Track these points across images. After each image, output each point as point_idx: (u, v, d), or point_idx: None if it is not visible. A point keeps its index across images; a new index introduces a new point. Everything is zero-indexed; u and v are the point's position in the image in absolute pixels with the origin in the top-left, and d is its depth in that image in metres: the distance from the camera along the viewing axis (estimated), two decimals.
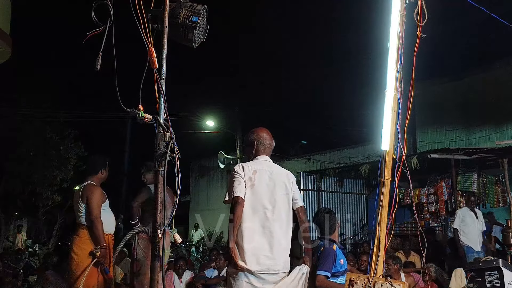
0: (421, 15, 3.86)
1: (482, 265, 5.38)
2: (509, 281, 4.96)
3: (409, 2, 3.91)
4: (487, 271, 5.20)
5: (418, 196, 12.95)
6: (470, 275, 5.45)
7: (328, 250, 4.41)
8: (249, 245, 3.80)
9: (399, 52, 3.86)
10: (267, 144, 4.19)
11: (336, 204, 15.64)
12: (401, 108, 3.87)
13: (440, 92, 14.71)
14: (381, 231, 3.87)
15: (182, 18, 3.31)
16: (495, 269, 5.11)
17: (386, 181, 3.87)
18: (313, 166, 18.04)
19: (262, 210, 3.89)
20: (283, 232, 3.93)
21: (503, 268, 5.03)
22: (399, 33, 3.88)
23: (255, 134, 4.23)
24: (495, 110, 13.53)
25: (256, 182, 3.93)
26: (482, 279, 5.19)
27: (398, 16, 3.91)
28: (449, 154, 11.73)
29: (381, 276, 3.87)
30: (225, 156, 19.18)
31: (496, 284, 5.03)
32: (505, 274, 4.99)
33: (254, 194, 3.90)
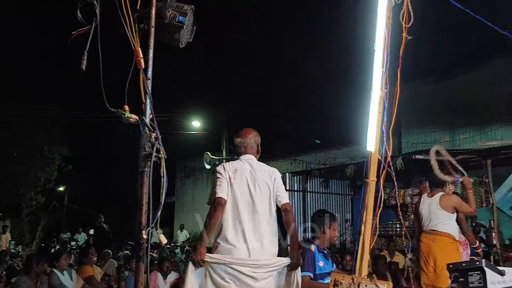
0: (407, 16, 3.89)
1: (465, 265, 5.41)
2: (492, 281, 4.98)
3: (395, 4, 3.94)
4: (470, 271, 5.22)
5: (403, 197, 13.03)
6: (454, 275, 5.48)
7: (305, 251, 4.40)
8: (227, 243, 3.80)
9: (385, 54, 3.88)
10: (251, 143, 4.19)
11: (321, 205, 15.68)
12: (387, 109, 3.89)
13: (425, 94, 14.83)
14: (366, 232, 3.89)
15: (169, 18, 3.29)
16: (478, 270, 5.13)
17: (371, 181, 3.89)
18: (299, 166, 18.08)
19: (242, 209, 3.89)
20: (264, 230, 3.92)
21: (486, 269, 5.05)
22: (385, 35, 3.90)
23: (239, 134, 4.24)
24: (479, 112, 13.67)
25: (236, 181, 3.94)
26: (465, 279, 5.21)
27: (384, 17, 3.93)
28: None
29: (365, 276, 3.88)
30: (211, 156, 19.12)
31: (479, 284, 5.05)
32: (488, 275, 5.01)
33: (234, 193, 3.91)
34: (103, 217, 15.40)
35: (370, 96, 3.90)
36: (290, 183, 15.37)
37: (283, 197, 4.05)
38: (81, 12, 2.88)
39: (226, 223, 3.87)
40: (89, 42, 2.87)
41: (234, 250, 3.78)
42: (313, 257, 4.44)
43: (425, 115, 15.00)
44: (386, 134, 3.86)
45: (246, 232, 3.84)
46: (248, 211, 3.90)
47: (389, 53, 3.87)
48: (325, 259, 4.54)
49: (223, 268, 3.72)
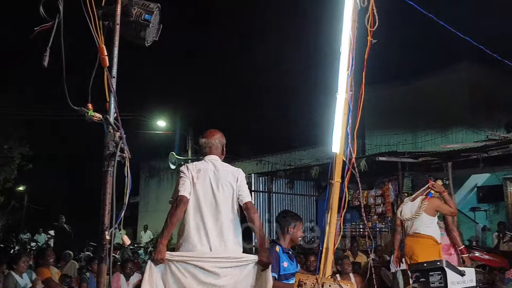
0: (372, 20, 3.94)
1: (426, 265, 5.53)
2: (452, 281, 5.11)
3: (361, 8, 3.98)
4: (431, 271, 5.34)
5: (366, 198, 13.23)
6: (415, 275, 5.59)
7: (269, 251, 4.41)
8: (189, 243, 3.79)
9: (351, 56, 3.93)
10: (215, 144, 4.20)
11: (286, 206, 15.76)
12: (351, 111, 3.94)
13: (389, 97, 15.08)
14: (330, 232, 3.92)
15: (135, 16, 3.25)
16: (438, 270, 5.26)
17: (336, 182, 3.93)
18: (264, 167, 18.13)
19: (205, 209, 3.88)
20: (227, 230, 3.91)
21: (447, 269, 5.19)
22: (351, 38, 3.95)
23: (204, 135, 4.25)
24: (441, 115, 13.98)
25: (199, 181, 3.93)
26: (427, 279, 5.33)
27: (350, 20, 3.98)
28: (396, 157, 12.06)
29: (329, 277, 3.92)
30: (176, 157, 18.96)
31: (440, 284, 5.17)
32: (448, 275, 5.14)
33: (197, 193, 3.90)
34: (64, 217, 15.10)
35: (335, 98, 3.94)
36: (256, 184, 15.39)
37: (245, 196, 4.05)
38: (44, 8, 2.81)
39: (188, 223, 3.85)
40: (51, 39, 2.80)
41: (196, 250, 3.77)
42: (277, 258, 4.44)
43: (389, 118, 15.25)
44: (350, 135, 3.90)
45: (208, 232, 3.83)
46: (211, 211, 3.90)
47: (354, 56, 3.92)
48: (290, 260, 4.56)
49: (184, 266, 3.70)
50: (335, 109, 3.93)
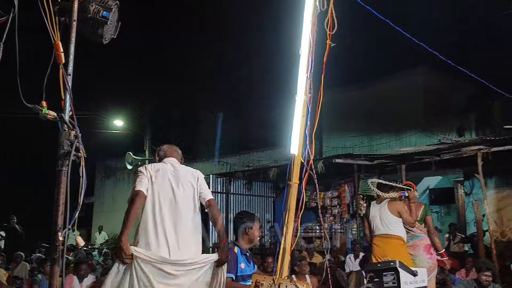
0: (331, 24, 4.00)
1: (380, 265, 5.64)
2: (405, 281, 5.23)
3: (321, 11, 4.03)
4: (385, 271, 5.45)
5: (322, 199, 13.40)
6: (369, 275, 5.69)
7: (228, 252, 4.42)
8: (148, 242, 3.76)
9: (310, 59, 3.97)
10: (177, 151, 4.28)
11: (244, 207, 15.77)
12: (310, 114, 3.98)
13: (346, 100, 15.30)
14: (287, 233, 3.94)
15: (92, 13, 3.19)
16: (392, 270, 5.37)
17: (294, 184, 3.96)
18: (222, 168, 18.09)
19: (164, 208, 3.85)
20: (187, 229, 3.90)
21: (400, 269, 5.30)
22: (310, 40, 3.99)
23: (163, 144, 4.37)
24: (396, 119, 14.28)
25: (158, 180, 3.91)
26: (380, 279, 5.44)
27: (310, 23, 4.02)
28: (352, 159, 12.27)
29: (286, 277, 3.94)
30: (133, 157, 18.70)
31: (393, 284, 5.28)
32: (401, 275, 5.26)
33: (157, 192, 3.88)
34: (15, 218, 14.64)
35: (294, 100, 3.98)
36: (214, 184, 15.35)
37: (207, 194, 4.08)
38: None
39: (147, 222, 3.81)
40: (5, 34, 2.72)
41: (156, 249, 3.74)
42: (235, 259, 4.45)
43: (346, 121, 15.47)
44: (309, 137, 3.94)
45: (167, 232, 3.81)
46: (171, 210, 3.87)
47: (314, 58, 3.97)
48: (247, 261, 4.57)
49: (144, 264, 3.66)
50: (294, 111, 3.97)
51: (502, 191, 12.37)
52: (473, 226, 11.61)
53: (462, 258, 9.16)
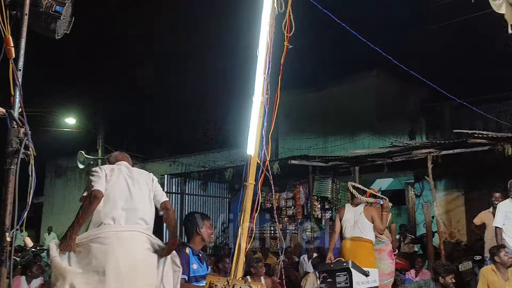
0: (289, 26, 4.02)
1: (333, 266, 5.72)
2: (357, 282, 5.32)
3: (278, 13, 4.05)
4: (337, 272, 5.53)
5: (278, 200, 13.48)
6: (322, 276, 5.76)
7: (179, 254, 4.38)
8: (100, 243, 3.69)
9: (267, 60, 3.98)
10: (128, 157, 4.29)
11: (199, 207, 15.70)
12: (267, 115, 3.99)
13: (302, 101, 15.44)
14: (242, 234, 3.94)
15: (45, 7, 3.09)
16: (345, 270, 5.45)
17: (250, 185, 3.96)
18: (177, 169, 17.94)
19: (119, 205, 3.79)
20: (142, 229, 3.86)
21: (352, 269, 5.40)
22: (268, 42, 4.00)
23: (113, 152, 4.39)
24: (350, 121, 14.52)
25: (113, 178, 3.86)
26: (333, 279, 5.51)
27: (267, 25, 4.03)
28: (307, 160, 12.39)
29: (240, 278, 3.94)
30: (85, 156, 18.28)
31: (345, 284, 5.37)
32: (353, 275, 5.35)
33: (112, 190, 3.81)
34: None
35: (251, 101, 3.98)
36: (169, 185, 15.22)
37: (163, 196, 4.07)
38: None
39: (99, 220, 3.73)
40: None
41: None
42: (187, 260, 4.41)
43: (301, 122, 15.61)
44: (265, 138, 3.95)
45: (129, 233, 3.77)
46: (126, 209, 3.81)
47: (271, 60, 3.98)
48: (200, 262, 4.53)
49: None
50: (251, 111, 3.97)
51: (451, 194, 12.77)
52: (422, 227, 11.90)
53: (412, 259, 9.38)
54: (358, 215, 6.69)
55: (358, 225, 6.64)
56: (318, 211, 12.95)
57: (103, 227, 3.71)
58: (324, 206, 13.05)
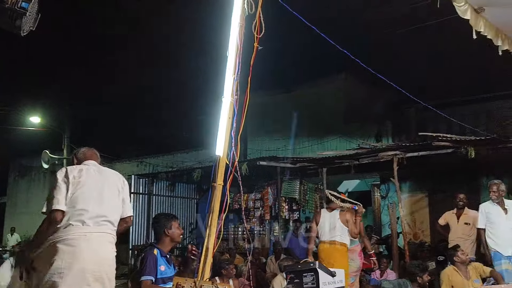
0: (259, 27, 4.03)
1: (300, 267, 5.74)
2: (324, 282, 5.36)
3: (248, 14, 4.06)
4: (304, 272, 5.55)
5: (246, 201, 13.47)
6: (290, 276, 5.77)
7: (146, 255, 4.34)
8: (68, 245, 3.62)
9: (237, 61, 3.98)
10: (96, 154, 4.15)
11: (166, 208, 15.58)
12: (236, 115, 3.99)
13: (272, 103, 15.49)
14: (210, 235, 3.93)
15: (10, 3, 3.02)
16: (312, 271, 5.48)
17: (218, 185, 3.95)
18: (145, 169, 17.75)
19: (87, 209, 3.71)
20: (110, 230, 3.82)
21: (319, 270, 5.42)
22: (238, 43, 4.00)
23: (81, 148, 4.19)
24: (319, 123, 14.63)
25: (82, 179, 3.77)
26: (300, 280, 5.53)
27: (238, 26, 4.03)
28: (276, 162, 12.42)
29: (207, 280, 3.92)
30: (50, 155, 17.90)
31: (312, 285, 5.39)
32: (320, 276, 5.38)
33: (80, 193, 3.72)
34: None
35: (221, 102, 3.97)
36: (136, 185, 15.05)
37: (129, 209, 4.03)
38: None
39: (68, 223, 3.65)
40: None
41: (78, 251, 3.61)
42: (155, 261, 4.37)
43: (270, 124, 15.66)
44: (234, 139, 3.95)
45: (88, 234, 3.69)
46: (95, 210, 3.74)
47: (241, 61, 3.98)
48: (167, 263, 4.50)
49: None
50: (220, 112, 3.96)
51: (416, 195, 13.00)
52: (388, 228, 12.09)
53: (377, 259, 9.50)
54: (334, 219, 7.00)
55: (334, 229, 6.95)
56: (286, 212, 13.00)
57: (71, 228, 3.63)
58: (292, 207, 13.12)
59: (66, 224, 3.64)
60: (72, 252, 3.54)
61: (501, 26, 5.69)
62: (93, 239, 3.66)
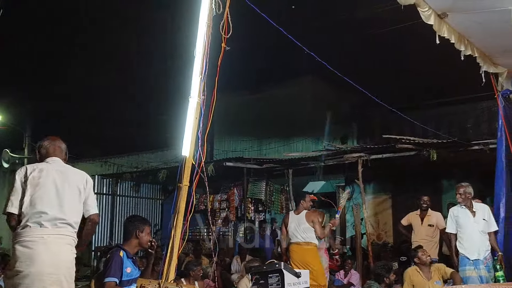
0: (226, 27, 4.02)
1: (266, 268, 5.75)
2: (289, 283, 5.37)
3: (216, 14, 4.04)
4: (270, 273, 5.55)
5: (212, 202, 13.41)
6: (255, 277, 5.78)
7: (112, 256, 4.28)
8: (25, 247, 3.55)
9: (205, 61, 3.96)
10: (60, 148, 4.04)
11: (131, 209, 15.41)
12: (203, 116, 3.97)
13: (239, 104, 15.47)
14: (176, 236, 3.90)
15: None
16: (277, 272, 5.49)
17: (184, 186, 3.92)
18: (109, 169, 17.47)
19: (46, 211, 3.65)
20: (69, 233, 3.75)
21: (284, 271, 5.44)
22: (205, 43, 3.98)
23: (47, 138, 4.07)
24: (285, 125, 14.70)
25: (41, 180, 3.70)
26: (266, 281, 5.53)
27: (205, 26, 4.01)
28: (242, 163, 12.42)
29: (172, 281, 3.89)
30: (11, 154, 17.45)
31: (277, 285, 5.40)
32: (285, 276, 5.39)
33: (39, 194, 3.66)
34: None
35: (188, 102, 3.94)
36: (99, 186, 14.81)
37: (93, 207, 3.97)
38: None
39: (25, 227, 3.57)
40: None
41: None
42: (120, 263, 4.30)
43: (237, 124, 15.65)
44: (201, 140, 3.93)
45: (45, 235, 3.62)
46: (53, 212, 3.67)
47: (208, 61, 3.96)
48: (134, 265, 4.44)
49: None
50: (187, 112, 3.93)
51: (379, 197, 13.22)
52: (352, 229, 12.24)
53: (342, 260, 9.61)
54: (302, 221, 7.29)
55: (302, 230, 7.24)
56: (252, 213, 13.01)
57: (29, 229, 3.56)
58: (258, 208, 13.14)
59: (24, 225, 3.59)
60: (29, 255, 3.49)
61: (464, 32, 5.83)
62: (51, 242, 3.61)
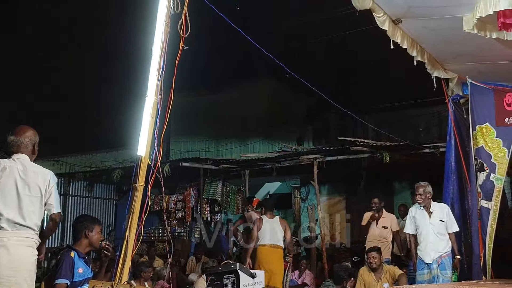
0: (185, 27, 4.00)
1: (221, 268, 5.74)
2: (244, 284, 5.38)
3: (174, 13, 4.01)
4: (225, 274, 5.55)
5: (167, 203, 13.29)
6: (210, 278, 5.76)
7: (63, 257, 4.19)
8: None
9: (162, 60, 3.92)
10: (25, 142, 3.98)
11: (84, 209, 15.09)
12: (159, 115, 3.93)
13: (196, 104, 15.38)
14: (130, 237, 3.85)
15: None
16: (232, 272, 5.49)
17: (139, 186, 3.87)
18: (61, 168, 17.01)
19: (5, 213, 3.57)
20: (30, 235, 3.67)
21: (240, 271, 5.44)
22: (163, 41, 3.94)
23: (14, 132, 3.98)
24: (242, 126, 14.72)
25: (2, 180, 3.62)
26: (221, 282, 5.52)
27: (163, 24, 3.97)
28: (199, 163, 12.37)
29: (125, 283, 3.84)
30: None
31: (232, 286, 5.40)
32: (241, 277, 5.40)
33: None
34: None
35: (144, 101, 3.90)
36: None
37: (55, 206, 3.87)
38: None
39: None
40: None
41: None
42: (71, 264, 4.21)
43: (194, 125, 15.55)
44: (157, 139, 3.89)
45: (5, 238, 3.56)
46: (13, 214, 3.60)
47: (166, 60, 3.93)
48: (86, 265, 4.35)
49: None
50: (143, 111, 3.89)
51: (333, 198, 13.42)
52: (307, 230, 12.37)
53: (296, 261, 9.70)
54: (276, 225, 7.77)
55: (276, 234, 7.69)
56: (207, 213, 12.98)
57: None
58: (214, 209, 13.11)
59: None
60: None
61: (417, 38, 5.99)
62: (10, 244, 3.54)
